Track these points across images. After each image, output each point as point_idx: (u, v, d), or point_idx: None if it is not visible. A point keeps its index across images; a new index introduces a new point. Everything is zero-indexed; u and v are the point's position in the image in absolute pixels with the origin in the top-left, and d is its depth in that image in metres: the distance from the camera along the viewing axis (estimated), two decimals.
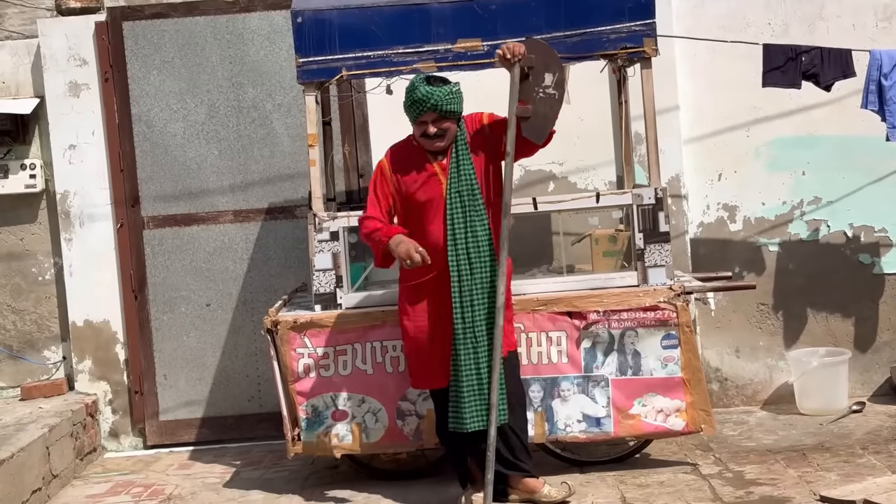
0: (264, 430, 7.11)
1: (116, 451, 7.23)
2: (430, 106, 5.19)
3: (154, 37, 7.13)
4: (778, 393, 7.15)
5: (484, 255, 5.24)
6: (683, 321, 5.73)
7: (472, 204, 5.26)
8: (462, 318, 5.22)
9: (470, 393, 5.20)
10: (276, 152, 7.18)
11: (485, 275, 5.23)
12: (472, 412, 5.20)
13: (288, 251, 7.20)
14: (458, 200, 5.26)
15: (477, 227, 5.25)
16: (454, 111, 5.25)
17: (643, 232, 5.80)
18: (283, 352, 5.79)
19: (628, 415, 5.76)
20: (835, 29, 7.03)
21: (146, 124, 7.18)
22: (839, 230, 7.14)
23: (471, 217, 5.25)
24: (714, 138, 7.14)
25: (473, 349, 5.21)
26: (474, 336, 5.21)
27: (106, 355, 7.21)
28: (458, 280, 5.22)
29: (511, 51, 5.16)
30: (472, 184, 5.27)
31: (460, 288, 5.22)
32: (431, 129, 5.23)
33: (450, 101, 5.22)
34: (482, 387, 5.20)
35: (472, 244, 5.24)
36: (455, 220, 5.25)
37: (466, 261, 5.23)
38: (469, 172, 5.28)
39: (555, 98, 5.28)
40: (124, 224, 7.18)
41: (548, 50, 5.31)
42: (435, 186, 5.30)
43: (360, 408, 5.81)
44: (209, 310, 7.22)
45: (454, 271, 5.22)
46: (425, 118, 5.23)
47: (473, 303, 5.22)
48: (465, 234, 5.24)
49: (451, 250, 5.23)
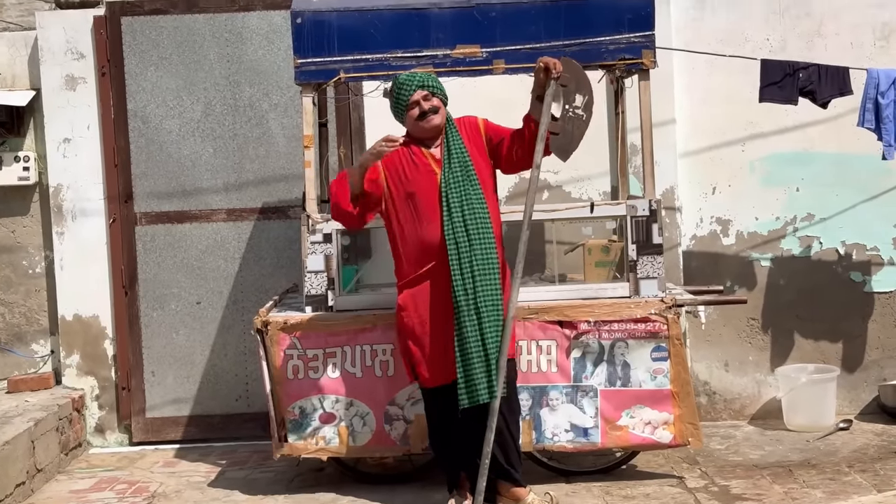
0: (251, 430, 7.09)
1: (102, 447, 7.21)
2: (417, 84, 5.26)
3: (152, 33, 7.11)
4: (766, 408, 7.16)
5: (483, 229, 5.21)
6: (674, 334, 5.73)
7: (467, 179, 5.25)
8: (464, 290, 5.16)
9: (479, 363, 5.13)
10: (272, 152, 7.17)
11: (485, 248, 5.20)
12: (482, 385, 5.13)
13: (280, 251, 7.19)
14: (452, 179, 5.24)
15: (474, 201, 5.23)
16: (439, 88, 5.32)
17: (636, 243, 5.80)
18: (272, 352, 5.77)
19: (616, 426, 5.76)
20: (833, 46, 7.04)
21: (142, 120, 7.16)
22: (831, 247, 7.14)
23: (466, 191, 5.23)
24: (709, 152, 7.15)
25: (478, 320, 5.15)
26: (476, 307, 5.15)
27: (94, 350, 7.19)
28: (456, 253, 5.18)
29: (554, 66, 5.17)
30: (465, 163, 5.27)
31: (459, 259, 5.18)
32: (425, 104, 5.26)
33: (432, 79, 5.32)
34: (489, 359, 5.14)
35: (470, 216, 5.21)
36: (451, 194, 5.22)
37: (464, 231, 5.19)
38: (462, 152, 5.28)
39: (583, 119, 5.33)
40: (117, 219, 7.16)
41: (581, 72, 5.36)
42: (430, 177, 5.29)
43: (348, 411, 5.79)
44: (199, 308, 7.20)
45: (451, 244, 5.18)
46: (415, 97, 5.26)
47: (474, 273, 5.17)
48: (461, 207, 5.21)
49: (446, 224, 5.20)
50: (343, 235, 6.02)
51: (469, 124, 5.44)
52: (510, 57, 5.77)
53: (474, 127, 5.43)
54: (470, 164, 5.28)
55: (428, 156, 5.33)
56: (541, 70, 5.20)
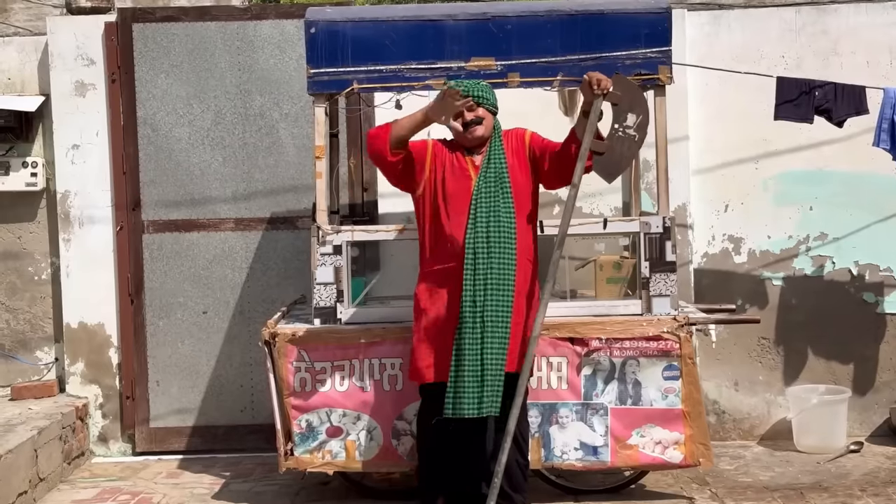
0: (255, 442, 7.03)
1: (105, 457, 7.14)
2: (464, 92, 5.18)
3: (163, 40, 7.07)
4: (775, 428, 7.09)
5: (505, 242, 5.15)
6: (686, 353, 5.66)
7: (500, 191, 5.20)
8: (473, 302, 5.10)
9: (472, 378, 5.06)
10: (281, 162, 7.12)
11: (503, 262, 5.13)
12: (471, 399, 5.06)
13: (288, 262, 7.13)
14: (485, 188, 5.19)
15: (501, 213, 5.17)
16: (487, 98, 5.26)
17: (649, 260, 5.75)
18: (279, 364, 5.71)
19: (626, 445, 5.69)
20: (848, 65, 7.00)
21: (151, 127, 7.11)
22: (844, 267, 7.08)
23: (496, 203, 5.17)
24: (722, 169, 7.10)
25: (480, 334, 5.08)
26: (482, 322, 5.08)
27: (99, 358, 7.13)
28: (472, 260, 5.13)
29: (598, 82, 5.09)
30: (502, 175, 5.22)
31: (474, 269, 5.12)
32: (468, 114, 5.21)
33: (479, 88, 5.25)
34: (484, 376, 5.06)
35: (494, 228, 5.15)
36: (479, 203, 5.17)
37: (485, 242, 5.12)
38: (500, 165, 5.24)
39: (634, 140, 5.23)
40: (124, 227, 7.10)
41: (636, 90, 5.26)
42: (465, 181, 5.24)
43: (356, 425, 5.73)
44: (205, 317, 7.14)
45: (470, 251, 5.13)
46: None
47: (487, 287, 5.10)
48: (487, 218, 5.15)
49: (469, 229, 5.15)
50: (353, 247, 5.96)
51: (516, 136, 5.40)
52: (525, 70, 5.72)
53: (520, 139, 5.39)
54: (506, 176, 5.23)
55: (468, 161, 5.30)
56: (586, 85, 5.14)
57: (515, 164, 5.31)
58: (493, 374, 5.07)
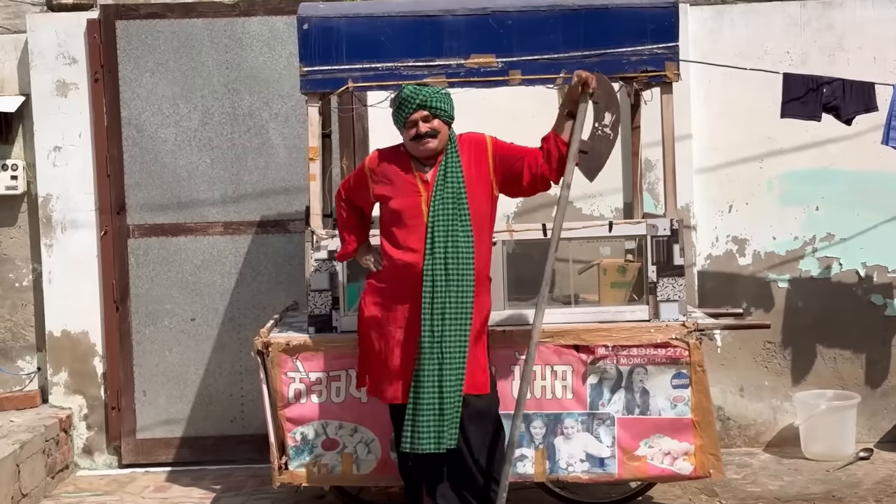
0: (246, 453, 6.82)
1: (90, 470, 6.91)
2: (419, 103, 4.93)
3: (148, 38, 6.84)
4: (782, 435, 6.91)
5: (463, 268, 4.89)
6: (695, 360, 5.46)
7: (458, 215, 4.93)
8: (431, 331, 4.87)
9: (430, 411, 4.85)
10: (271, 163, 6.90)
11: (461, 290, 4.88)
12: (429, 433, 4.85)
13: (279, 267, 6.91)
14: (441, 210, 4.92)
15: (460, 239, 4.91)
16: (444, 110, 4.97)
17: (656, 264, 5.54)
18: (273, 375, 5.48)
19: (634, 456, 5.48)
20: (855, 60, 6.81)
21: (136, 128, 6.88)
22: (851, 269, 6.91)
23: (454, 228, 4.91)
24: (726, 168, 6.91)
25: (438, 365, 4.85)
26: (441, 351, 4.86)
27: (83, 368, 6.90)
28: (431, 290, 4.88)
29: (591, 82, 4.93)
30: (459, 195, 4.94)
31: (433, 298, 4.88)
32: (423, 127, 4.93)
33: (438, 98, 4.96)
34: (442, 407, 4.85)
35: (452, 255, 4.89)
36: (436, 228, 4.90)
37: (443, 271, 4.88)
38: (457, 183, 4.95)
39: (609, 138, 5.09)
40: (108, 231, 6.88)
41: (612, 89, 5.13)
42: (413, 197, 4.98)
43: (353, 437, 5.51)
44: (193, 325, 6.93)
45: (428, 280, 4.88)
46: (415, 117, 4.94)
47: (445, 315, 4.86)
48: (444, 244, 4.89)
49: (427, 259, 4.89)
50: None
51: (475, 144, 5.09)
52: (527, 67, 5.49)
53: (480, 147, 5.09)
54: (463, 195, 4.95)
55: (417, 176, 5.01)
56: (578, 84, 4.95)
57: (473, 176, 5.02)
58: (451, 406, 4.87)
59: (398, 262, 4.99)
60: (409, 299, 4.97)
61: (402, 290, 4.98)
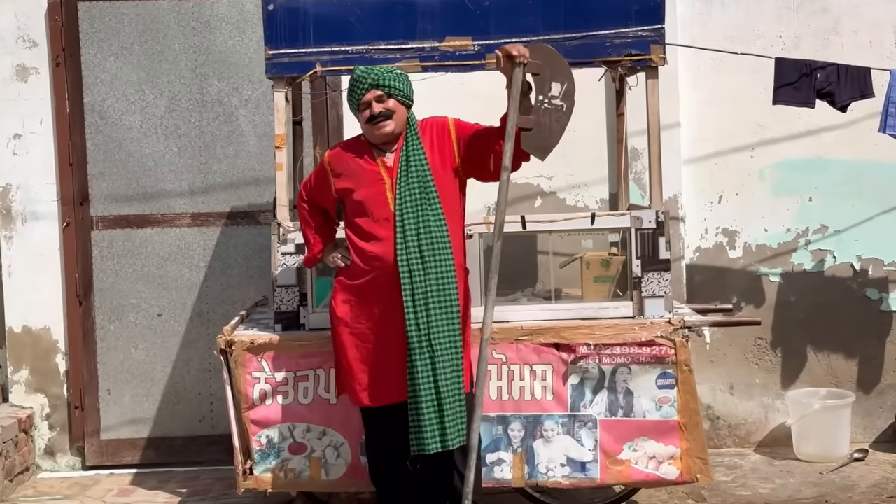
0: (215, 454, 6.55)
1: (51, 472, 6.64)
2: (371, 82, 4.64)
3: (112, 20, 6.56)
4: (773, 435, 6.67)
5: (440, 255, 4.62)
6: (682, 359, 5.19)
7: (426, 199, 4.64)
8: (416, 325, 4.59)
9: (429, 410, 4.59)
10: (241, 152, 6.63)
11: (442, 277, 4.62)
12: (432, 432, 4.60)
13: (249, 260, 6.65)
14: (409, 195, 4.64)
15: (432, 224, 4.63)
16: (398, 88, 4.67)
17: (641, 258, 5.27)
18: (237, 375, 5.20)
19: (617, 460, 5.21)
20: (850, 45, 6.57)
21: (100, 115, 6.60)
22: (846, 262, 6.68)
23: (424, 214, 4.63)
24: (716, 158, 6.67)
25: (430, 360, 4.59)
26: (430, 345, 4.59)
27: (45, 365, 6.63)
28: (409, 281, 4.60)
29: (517, 51, 4.58)
30: (425, 179, 4.65)
31: (412, 289, 4.60)
32: (376, 107, 4.65)
33: (391, 76, 4.67)
34: (442, 403, 4.59)
35: (426, 242, 4.61)
36: (405, 215, 4.62)
37: (419, 260, 4.60)
38: (421, 166, 4.66)
39: (562, 110, 4.69)
40: (71, 223, 6.61)
41: (556, 57, 4.72)
42: (377, 185, 4.69)
43: (321, 441, 5.23)
44: (160, 320, 6.67)
45: (404, 271, 4.60)
46: (367, 97, 4.66)
47: (428, 306, 4.59)
48: (416, 231, 4.61)
49: (400, 250, 4.61)
50: None
51: (437, 127, 4.80)
52: None
53: (443, 130, 4.80)
54: (429, 178, 4.66)
55: (379, 163, 4.72)
56: (500, 59, 4.60)
57: (437, 161, 4.73)
58: (451, 401, 4.61)
59: (368, 255, 4.71)
60: (385, 294, 4.69)
61: (376, 284, 4.70)
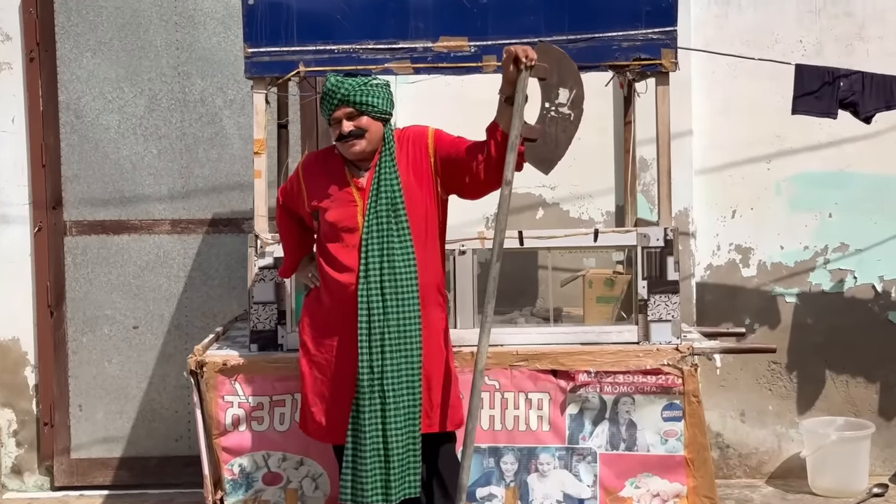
0: (192, 476, 6.12)
1: (18, 491, 6.36)
2: (340, 98, 4.24)
3: (90, 14, 6.25)
4: (786, 466, 6.34)
5: (403, 293, 4.24)
6: (690, 389, 4.82)
7: (393, 228, 4.26)
8: (370, 368, 4.22)
9: (374, 459, 4.22)
10: (225, 155, 6.30)
11: (402, 317, 4.24)
12: (375, 483, 4.23)
13: (232, 270, 6.32)
14: (375, 224, 4.25)
15: (396, 257, 4.24)
16: (371, 104, 4.25)
17: (648, 279, 4.89)
18: (208, 399, 4.85)
19: (618, 497, 4.86)
20: (875, 51, 6.24)
21: (75, 114, 6.29)
22: (867, 283, 6.34)
23: (390, 245, 4.24)
24: (730, 169, 6.33)
25: (381, 405, 4.22)
26: (382, 390, 4.22)
27: (12, 379, 6.34)
28: (367, 320, 4.23)
29: (524, 53, 4.19)
30: (395, 203, 4.26)
31: (370, 331, 4.23)
32: (346, 125, 4.25)
33: (364, 92, 4.25)
34: (388, 453, 4.23)
35: (388, 277, 4.22)
36: (370, 246, 4.24)
37: (379, 297, 4.22)
38: (392, 192, 4.26)
39: (569, 119, 4.31)
40: (43, 228, 6.31)
41: (565, 60, 4.33)
42: (349, 208, 4.31)
43: (298, 471, 4.89)
44: (136, 333, 6.36)
45: (363, 306, 4.22)
46: (338, 114, 4.26)
47: (384, 348, 4.22)
48: (379, 264, 4.23)
49: (361, 283, 4.23)
50: None
51: (415, 140, 4.38)
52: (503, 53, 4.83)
53: (421, 143, 4.38)
54: (400, 203, 4.26)
55: (351, 182, 4.34)
56: (509, 62, 4.20)
57: (412, 179, 4.32)
58: (399, 451, 4.23)
59: (331, 283, 4.34)
60: (346, 327, 4.32)
61: (339, 313, 4.32)
